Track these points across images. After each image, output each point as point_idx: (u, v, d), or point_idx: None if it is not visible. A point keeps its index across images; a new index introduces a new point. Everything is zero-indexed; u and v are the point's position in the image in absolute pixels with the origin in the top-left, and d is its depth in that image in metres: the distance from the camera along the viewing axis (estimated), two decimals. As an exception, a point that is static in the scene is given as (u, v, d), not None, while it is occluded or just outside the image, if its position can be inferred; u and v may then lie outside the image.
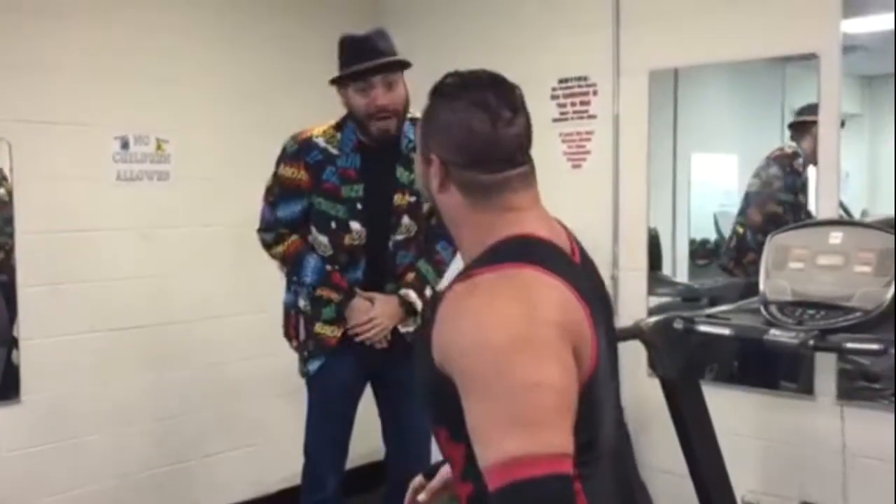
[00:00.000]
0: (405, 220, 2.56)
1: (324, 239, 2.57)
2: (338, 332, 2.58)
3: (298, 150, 2.53)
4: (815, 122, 2.95)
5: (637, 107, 3.35)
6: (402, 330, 2.61)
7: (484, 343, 1.13)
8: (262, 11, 3.76)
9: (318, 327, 2.60)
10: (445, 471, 1.46)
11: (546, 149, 3.61)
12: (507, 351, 1.11)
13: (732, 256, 3.31)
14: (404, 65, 2.50)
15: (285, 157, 2.56)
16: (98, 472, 3.34)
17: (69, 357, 3.24)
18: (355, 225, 2.53)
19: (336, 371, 2.61)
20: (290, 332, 2.73)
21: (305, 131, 2.56)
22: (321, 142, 2.52)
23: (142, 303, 3.44)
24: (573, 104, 3.54)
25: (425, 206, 2.54)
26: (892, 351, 2.13)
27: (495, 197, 1.26)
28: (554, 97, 3.59)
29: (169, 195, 3.50)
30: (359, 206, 2.52)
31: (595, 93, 3.48)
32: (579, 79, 3.51)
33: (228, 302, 3.56)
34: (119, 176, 3.36)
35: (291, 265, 2.61)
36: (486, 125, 1.25)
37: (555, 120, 3.58)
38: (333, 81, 2.50)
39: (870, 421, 2.79)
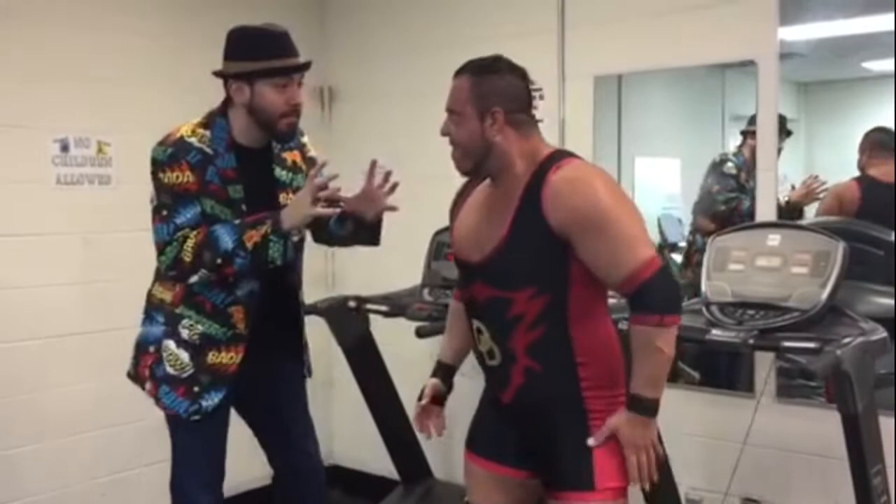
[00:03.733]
0: None
1: None
2: (237, 358, 2.36)
3: (175, 153, 2.29)
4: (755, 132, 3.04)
5: (582, 111, 3.40)
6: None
7: (615, 193, 1.84)
8: (206, 8, 3.71)
9: (212, 357, 2.36)
10: None
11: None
12: (615, 189, 1.86)
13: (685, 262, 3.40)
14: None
15: (161, 165, 2.31)
16: (37, 484, 3.26)
17: (7, 365, 3.16)
18: None
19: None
20: (141, 372, 2.43)
21: (171, 134, 2.34)
22: (194, 142, 2.31)
23: (83, 309, 3.37)
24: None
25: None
26: (828, 349, 2.19)
27: (531, 130, 1.93)
28: (501, 101, 3.60)
29: (111, 199, 3.43)
30: (244, 207, 2.34)
31: (541, 97, 3.51)
32: (525, 83, 3.54)
33: (173, 307, 3.50)
34: (59, 179, 3.29)
35: (207, 250, 2.25)
36: (523, 84, 1.92)
37: (502, 124, 3.60)
38: (238, 75, 2.31)
39: (807, 418, 2.86)
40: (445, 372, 2.18)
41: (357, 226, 2.45)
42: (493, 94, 1.88)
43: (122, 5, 3.47)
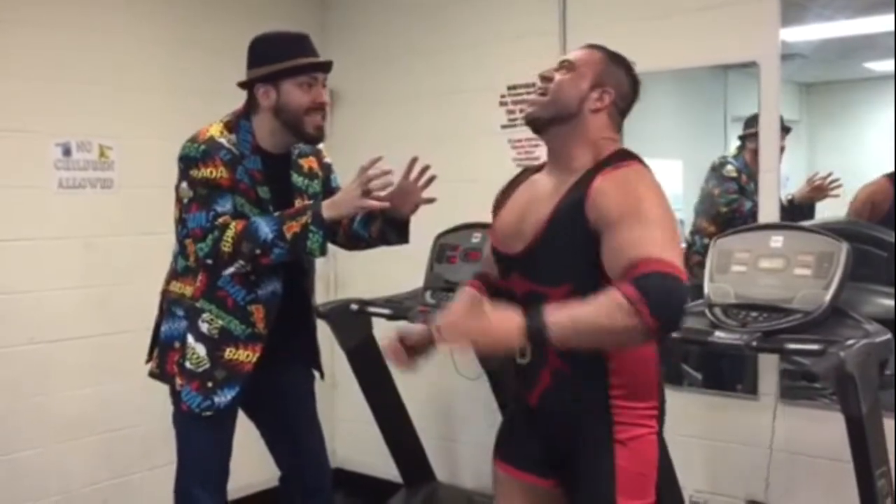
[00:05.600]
0: None
1: None
2: (253, 356, 2.37)
3: (208, 150, 2.30)
4: (755, 135, 3.04)
5: None
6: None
7: (661, 202, 1.74)
8: (209, 11, 3.72)
9: (230, 353, 2.36)
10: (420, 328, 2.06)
11: (496, 154, 3.63)
12: (664, 203, 1.75)
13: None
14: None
15: (195, 161, 2.30)
16: (40, 488, 3.26)
17: (9, 370, 3.16)
18: None
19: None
20: (170, 369, 2.41)
21: (200, 133, 2.35)
22: (224, 142, 2.34)
23: (85, 313, 3.37)
24: (522, 111, 3.56)
25: None
26: (831, 351, 2.18)
27: (616, 130, 1.92)
28: (503, 103, 3.61)
29: (113, 203, 3.43)
30: (271, 208, 2.37)
31: (543, 99, 3.51)
32: (528, 85, 3.54)
33: (175, 311, 3.50)
34: (61, 184, 3.29)
35: (246, 241, 2.26)
36: (634, 96, 1.94)
37: (504, 126, 3.61)
38: (265, 78, 2.34)
39: (811, 420, 2.85)
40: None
41: (386, 224, 2.45)
42: (615, 79, 1.90)
43: (125, 9, 3.47)
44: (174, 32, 3.63)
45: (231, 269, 2.32)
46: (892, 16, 2.69)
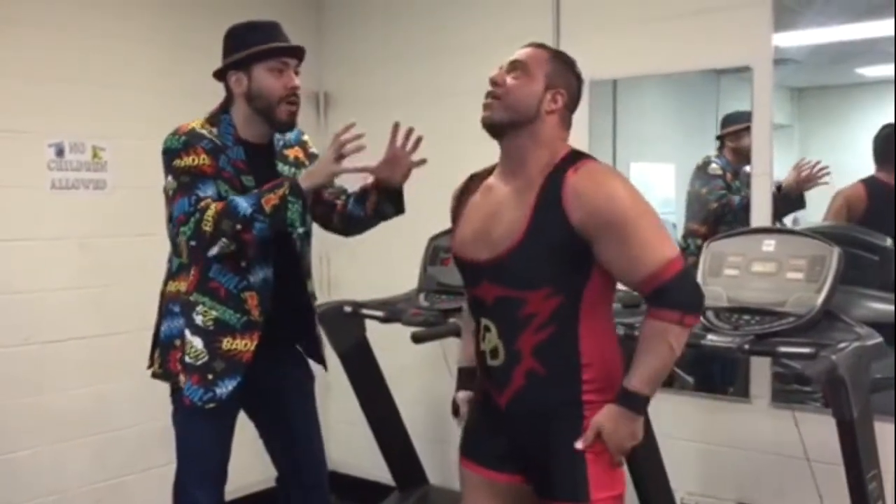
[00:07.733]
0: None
1: None
2: (251, 345, 2.36)
3: (189, 140, 2.33)
4: (734, 133, 3.13)
5: (577, 116, 3.33)
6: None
7: (635, 194, 1.81)
8: (204, 13, 3.71)
9: (227, 343, 2.36)
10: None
11: (490, 157, 3.63)
12: (637, 191, 1.83)
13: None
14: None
15: (177, 152, 2.32)
16: (34, 488, 3.25)
17: (4, 370, 3.16)
18: None
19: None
20: (173, 368, 2.40)
21: (181, 127, 2.37)
22: (206, 132, 2.36)
23: (80, 313, 3.37)
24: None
25: (326, 193, 2.50)
26: (823, 354, 2.19)
27: (567, 130, 1.96)
28: (497, 106, 3.62)
29: (106, 204, 3.43)
30: None
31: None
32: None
33: (169, 312, 3.49)
34: (54, 184, 3.29)
35: (226, 218, 2.25)
36: (580, 96, 1.99)
37: (497, 129, 3.61)
38: (235, 64, 2.37)
39: (803, 423, 2.87)
40: (469, 377, 2.14)
41: (380, 197, 2.46)
42: (565, 80, 1.93)
43: (118, 11, 3.47)
44: (169, 34, 3.63)
45: (215, 250, 2.30)
46: (887, 21, 2.70)
